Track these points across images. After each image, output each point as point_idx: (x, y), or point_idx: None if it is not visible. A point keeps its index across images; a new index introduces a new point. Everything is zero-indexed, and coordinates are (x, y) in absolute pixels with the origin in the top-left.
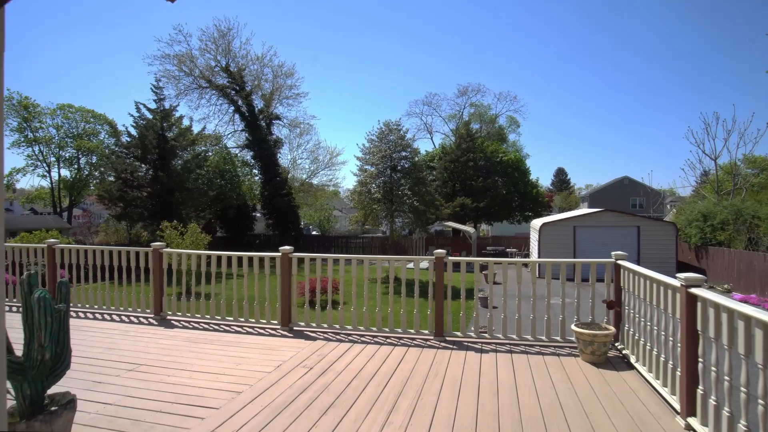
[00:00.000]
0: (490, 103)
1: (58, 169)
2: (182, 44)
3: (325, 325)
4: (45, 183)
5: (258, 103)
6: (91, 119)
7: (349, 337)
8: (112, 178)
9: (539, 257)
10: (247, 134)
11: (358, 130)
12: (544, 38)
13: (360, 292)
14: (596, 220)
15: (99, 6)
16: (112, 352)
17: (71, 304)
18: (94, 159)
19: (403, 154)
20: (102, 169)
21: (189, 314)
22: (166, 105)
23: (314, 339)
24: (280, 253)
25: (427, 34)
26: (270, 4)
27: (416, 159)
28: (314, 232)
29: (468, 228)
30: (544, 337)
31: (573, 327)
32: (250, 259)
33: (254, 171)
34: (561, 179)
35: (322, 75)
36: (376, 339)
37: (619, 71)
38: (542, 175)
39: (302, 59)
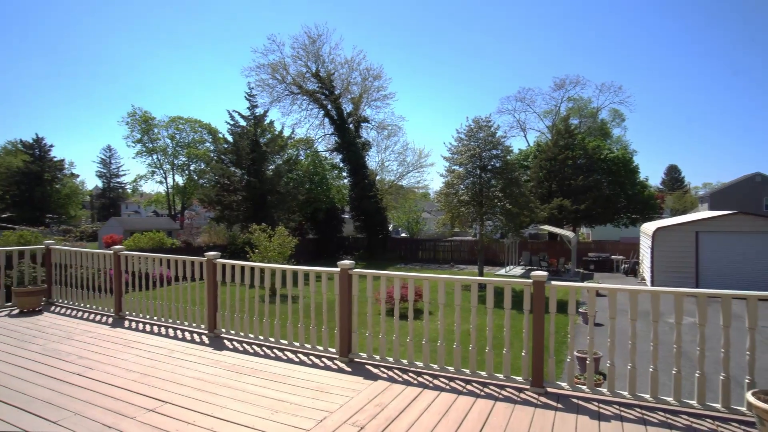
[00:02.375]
0: (590, 97)
1: (173, 175)
2: (276, 53)
3: (391, 359)
4: (162, 188)
5: (346, 107)
6: (199, 129)
7: (419, 378)
8: (210, 183)
9: (652, 267)
10: (336, 137)
11: (446, 131)
12: (653, 23)
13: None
14: (726, 225)
15: (207, 27)
16: (144, 381)
17: (134, 313)
18: (202, 165)
19: (494, 152)
20: (208, 175)
21: (242, 333)
22: (260, 112)
23: (375, 378)
24: (338, 269)
25: (520, 25)
26: (356, 6)
27: (508, 158)
28: (403, 235)
29: (566, 232)
30: (694, 402)
31: (750, 398)
32: (306, 274)
33: (343, 174)
34: (673, 177)
35: (410, 75)
36: (452, 384)
37: (746, 58)
38: (652, 174)
39: (389, 60)
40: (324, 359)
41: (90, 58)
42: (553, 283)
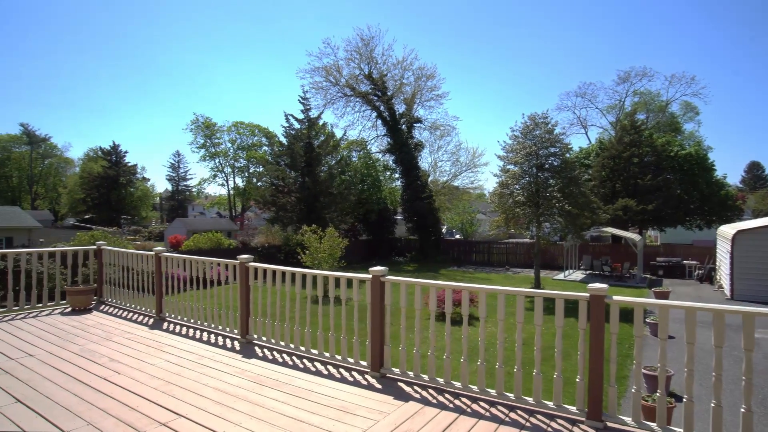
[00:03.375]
0: (658, 89)
1: (233, 178)
2: (330, 56)
3: (426, 377)
4: (224, 191)
5: (399, 107)
6: (257, 132)
7: (456, 401)
8: (266, 185)
9: (732, 274)
10: (388, 138)
11: (501, 129)
12: (729, 7)
13: (474, 330)
14: None
15: (265, 35)
16: (166, 390)
17: (173, 315)
18: (260, 168)
19: (552, 150)
20: (265, 178)
21: (273, 341)
22: (314, 114)
23: (407, 398)
24: (370, 276)
25: (582, 17)
26: (409, 8)
27: (567, 156)
28: (457, 236)
29: (632, 234)
30: None
31: None
32: (337, 280)
33: (395, 175)
34: (755, 175)
35: (464, 74)
36: (493, 410)
37: None
38: (730, 171)
39: (442, 60)
40: (354, 373)
41: (159, 69)
42: (615, 298)
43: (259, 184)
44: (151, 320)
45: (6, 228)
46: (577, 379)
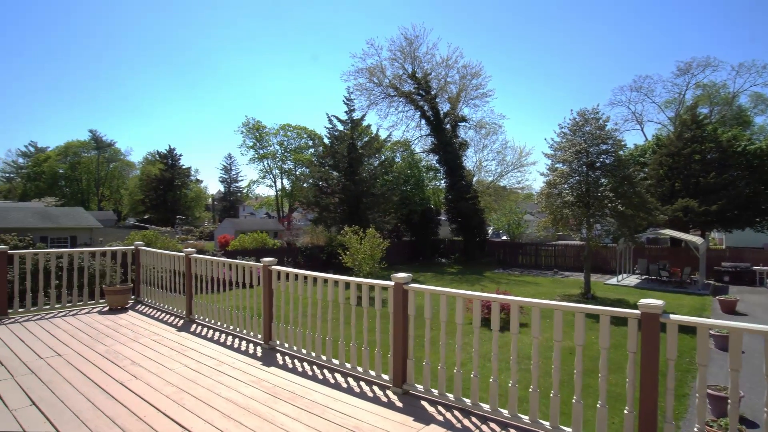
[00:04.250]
0: (724, 80)
1: (281, 179)
2: (374, 57)
3: (451, 397)
4: (272, 192)
5: (443, 107)
6: (304, 135)
7: (483, 427)
8: (309, 186)
9: None
10: (432, 138)
11: (550, 127)
12: None
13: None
14: None
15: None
16: (177, 399)
17: (201, 317)
18: (307, 170)
19: (603, 147)
20: (310, 179)
21: (295, 348)
22: (357, 115)
23: (428, 421)
24: (393, 283)
25: (637, 7)
26: (454, 5)
27: (621, 153)
28: (504, 238)
29: (693, 237)
30: None
31: None
32: (359, 286)
33: (439, 175)
34: None
35: (510, 71)
36: None
37: None
38: None
39: (488, 59)
40: (375, 388)
41: (212, 74)
42: (674, 317)
43: (305, 185)
44: (181, 321)
45: (70, 227)
46: (626, 411)
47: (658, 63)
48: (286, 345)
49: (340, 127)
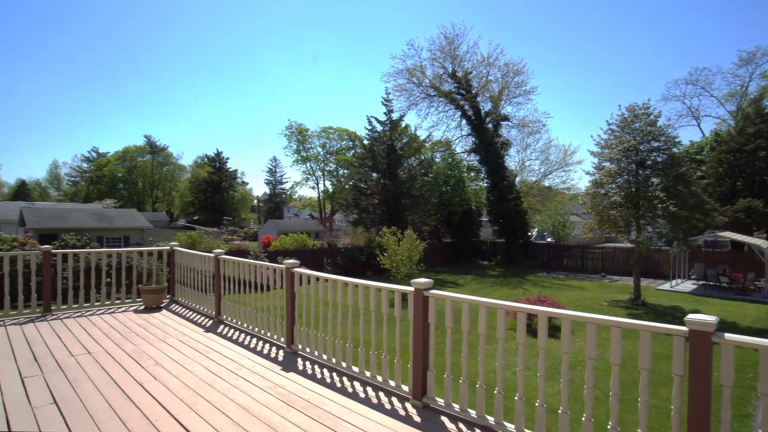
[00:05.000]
0: None
1: (323, 181)
2: (413, 57)
3: (474, 414)
4: (314, 194)
5: (484, 106)
6: (345, 137)
7: None
8: (349, 187)
9: None
10: (473, 138)
11: (597, 124)
12: None
13: (532, 352)
14: None
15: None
16: (191, 403)
17: (229, 318)
18: (347, 172)
19: (654, 144)
20: (352, 181)
21: (317, 352)
22: (396, 116)
23: None
24: (413, 288)
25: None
26: (495, 5)
27: (675, 150)
28: (549, 240)
29: (757, 240)
30: None
31: None
32: (379, 290)
33: (480, 175)
34: None
35: (554, 68)
36: None
37: None
38: None
39: (531, 57)
40: (394, 399)
41: (258, 79)
42: (729, 337)
43: (346, 186)
44: (210, 322)
45: (124, 228)
46: None
47: (716, 54)
48: (308, 350)
49: (379, 128)
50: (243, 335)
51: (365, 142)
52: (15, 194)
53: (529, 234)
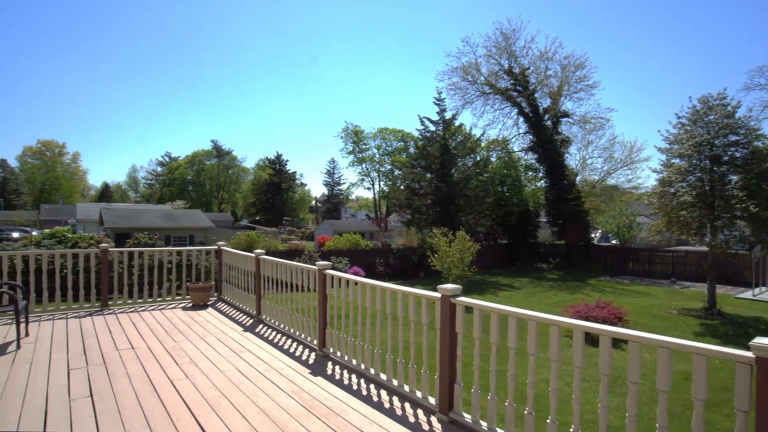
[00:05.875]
0: None
1: (379, 182)
2: (468, 55)
3: None
4: (370, 194)
5: (543, 102)
6: (400, 137)
7: None
8: (402, 188)
9: None
10: (530, 136)
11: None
12: None
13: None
14: None
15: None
16: (215, 405)
17: (268, 318)
18: (400, 172)
19: (732, 138)
20: (406, 182)
21: (347, 357)
22: (449, 115)
23: None
24: (439, 295)
25: None
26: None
27: (758, 145)
28: (613, 242)
29: None
30: None
31: None
32: (406, 294)
33: (538, 174)
34: None
35: (618, 63)
36: None
37: None
38: None
39: (592, 50)
40: (419, 412)
41: (315, 82)
42: None
43: (401, 187)
44: (250, 321)
45: (189, 227)
46: None
47: None
48: (338, 353)
49: (432, 128)
50: (279, 336)
51: (420, 143)
52: (99, 196)
53: (592, 236)
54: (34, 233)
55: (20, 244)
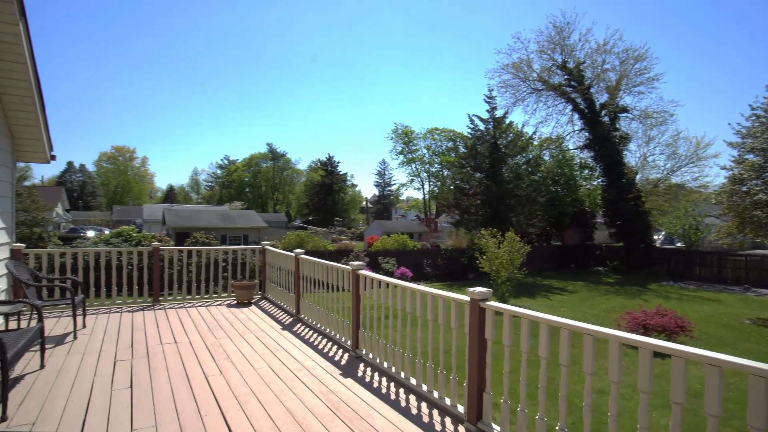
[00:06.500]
0: None
1: (428, 182)
2: (520, 51)
3: None
4: (420, 195)
5: (599, 97)
6: (452, 137)
7: None
8: (450, 187)
9: None
10: (586, 133)
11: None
12: None
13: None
14: None
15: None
16: (243, 402)
17: (307, 317)
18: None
19: None
20: (456, 182)
21: (378, 359)
22: (500, 113)
23: None
24: (468, 299)
25: None
26: None
27: None
28: (679, 244)
29: None
30: None
31: None
32: (435, 297)
33: (594, 173)
34: None
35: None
36: None
37: None
38: None
39: (651, 35)
40: (447, 420)
41: (366, 85)
42: None
43: (452, 187)
44: (289, 320)
45: (243, 227)
46: None
47: None
48: (371, 355)
49: (482, 126)
50: (315, 335)
51: (469, 141)
52: (165, 198)
53: (655, 238)
54: (105, 232)
55: (91, 241)
